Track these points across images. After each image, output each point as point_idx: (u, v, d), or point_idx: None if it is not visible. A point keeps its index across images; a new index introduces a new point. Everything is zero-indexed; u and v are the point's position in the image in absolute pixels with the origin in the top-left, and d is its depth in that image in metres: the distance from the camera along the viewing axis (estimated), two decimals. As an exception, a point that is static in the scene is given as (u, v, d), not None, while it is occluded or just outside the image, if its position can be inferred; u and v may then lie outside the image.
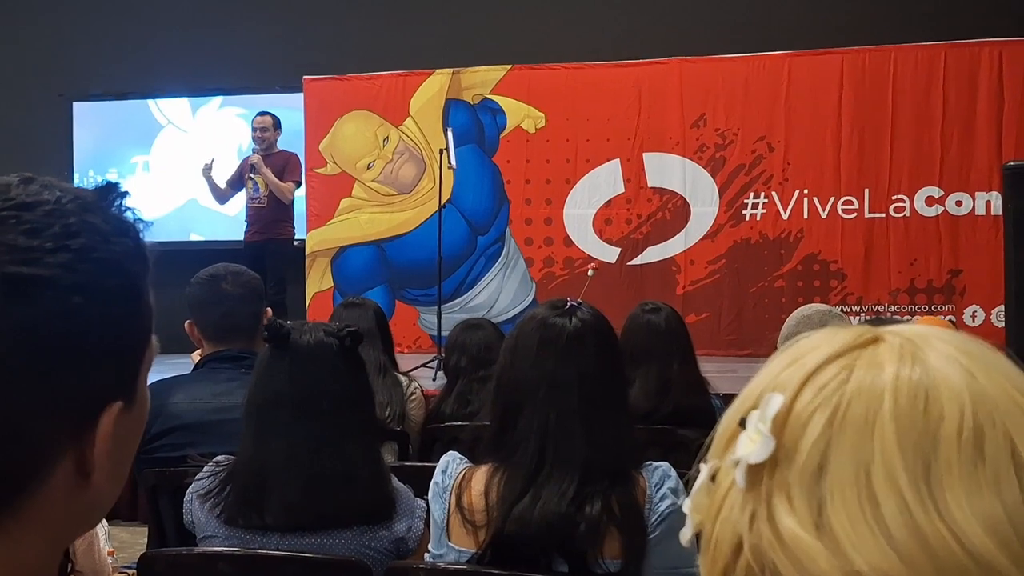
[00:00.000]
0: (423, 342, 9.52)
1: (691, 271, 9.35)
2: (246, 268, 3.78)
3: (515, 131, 9.66)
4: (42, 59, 11.16)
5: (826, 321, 4.13)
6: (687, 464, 2.53)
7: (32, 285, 0.82)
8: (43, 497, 0.86)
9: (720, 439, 0.80)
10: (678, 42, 9.47)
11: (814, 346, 0.78)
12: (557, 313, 2.50)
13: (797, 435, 0.73)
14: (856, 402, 0.73)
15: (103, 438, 0.88)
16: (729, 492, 0.76)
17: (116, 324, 0.88)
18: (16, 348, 0.81)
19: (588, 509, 2.33)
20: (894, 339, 0.77)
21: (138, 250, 0.91)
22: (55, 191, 0.87)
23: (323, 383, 2.59)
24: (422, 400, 4.63)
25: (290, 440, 2.54)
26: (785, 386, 0.76)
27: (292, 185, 9.16)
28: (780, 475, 0.73)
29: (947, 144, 8.89)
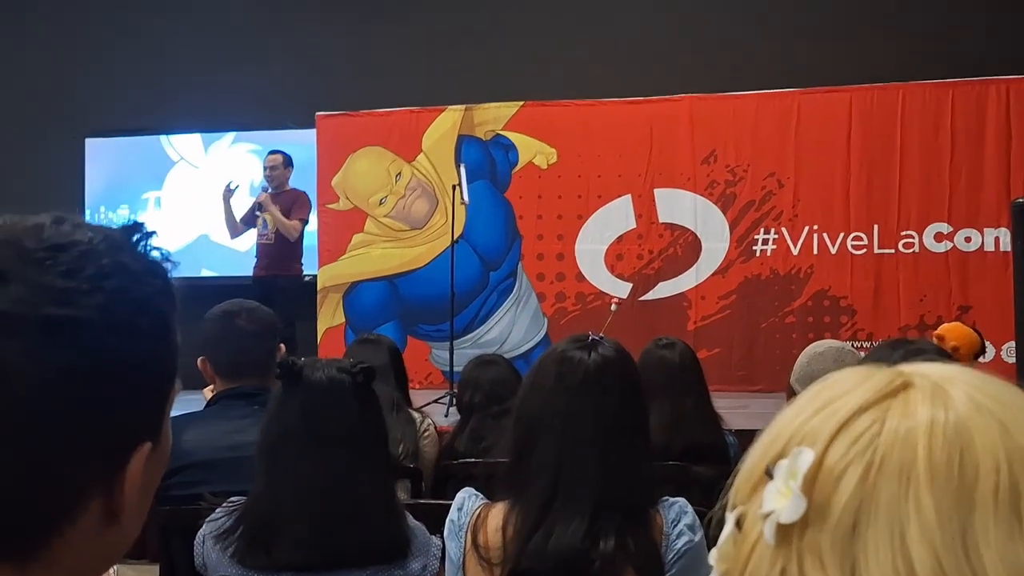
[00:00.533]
0: (435, 378, 9.50)
1: (702, 306, 9.33)
2: (260, 304, 3.76)
3: (527, 167, 9.67)
4: (54, 95, 11.19)
5: (839, 358, 4.11)
6: (700, 501, 2.52)
7: (69, 326, 0.82)
8: (70, 539, 0.86)
9: (744, 484, 0.79)
10: (689, 79, 9.49)
11: (844, 391, 0.77)
12: (577, 347, 2.49)
13: (828, 492, 0.72)
14: (889, 457, 0.71)
15: (132, 480, 0.89)
16: (757, 545, 0.75)
17: (149, 365, 0.89)
18: (52, 390, 0.82)
19: (602, 545, 2.31)
20: (924, 383, 0.75)
21: (167, 289, 0.92)
22: (87, 231, 0.88)
23: (335, 420, 2.55)
24: (435, 437, 4.61)
25: (300, 477, 2.50)
26: (815, 437, 0.75)
27: (298, 223, 9.20)
28: (811, 535, 0.72)
29: (955, 180, 8.88)
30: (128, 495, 0.89)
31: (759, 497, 0.76)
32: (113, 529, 0.90)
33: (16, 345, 0.81)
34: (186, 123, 11.05)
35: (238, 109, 10.71)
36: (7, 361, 0.80)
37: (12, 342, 0.81)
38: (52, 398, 0.82)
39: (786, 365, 8.33)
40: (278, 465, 2.55)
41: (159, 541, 3.25)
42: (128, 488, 0.89)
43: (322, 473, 2.50)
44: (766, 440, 0.79)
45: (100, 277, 0.85)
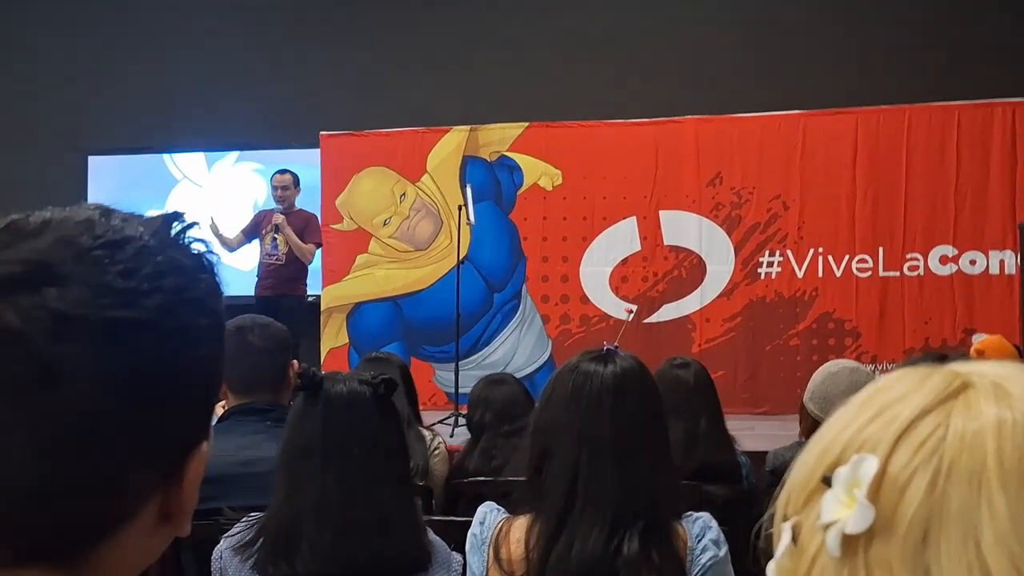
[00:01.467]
0: (439, 399, 9.46)
1: (707, 329, 9.32)
2: (273, 320, 3.75)
3: (532, 188, 9.66)
4: (58, 112, 11.21)
5: (853, 379, 4.12)
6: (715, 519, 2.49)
7: (131, 329, 0.81)
8: (121, 541, 0.85)
9: (799, 494, 0.77)
10: (694, 101, 9.48)
11: (900, 396, 0.74)
12: (592, 359, 2.50)
13: (895, 501, 0.70)
14: (957, 463, 0.69)
15: (192, 481, 0.88)
16: (818, 557, 0.72)
17: (206, 365, 0.88)
18: (114, 394, 0.80)
19: (625, 552, 2.30)
20: (983, 382, 0.73)
21: (216, 286, 0.90)
22: (136, 225, 0.86)
23: (355, 431, 2.56)
24: (445, 455, 4.59)
25: (321, 488, 2.51)
26: (876, 444, 0.72)
27: (313, 247, 9.25)
28: (879, 547, 0.69)
29: (961, 203, 8.88)
30: (186, 496, 0.88)
31: (815, 507, 0.74)
32: (164, 529, 0.89)
33: (78, 349, 0.78)
34: (189, 142, 11.06)
35: (242, 128, 10.72)
36: (69, 365, 0.78)
37: (74, 345, 0.78)
38: (114, 403, 0.80)
39: (791, 388, 8.44)
40: (297, 476, 2.55)
41: (171, 555, 3.23)
42: (188, 489, 0.88)
43: (341, 484, 2.51)
44: (818, 448, 0.77)
45: (157, 276, 0.83)
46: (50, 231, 0.82)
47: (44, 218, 0.84)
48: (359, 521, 2.49)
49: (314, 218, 9.46)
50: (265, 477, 2.81)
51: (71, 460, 0.79)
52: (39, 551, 0.81)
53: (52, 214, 0.85)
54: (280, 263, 9.16)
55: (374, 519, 2.50)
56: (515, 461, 3.92)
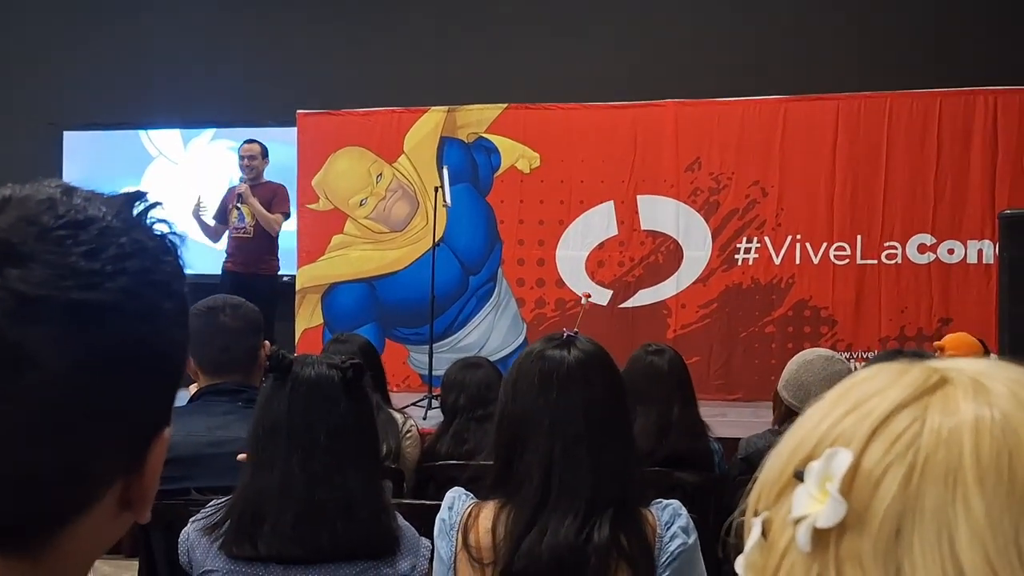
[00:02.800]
0: (412, 381, 9.45)
1: (682, 315, 9.32)
2: (245, 301, 3.74)
3: (509, 171, 9.63)
4: (33, 87, 11.13)
5: (828, 367, 4.14)
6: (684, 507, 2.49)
7: (96, 312, 0.78)
8: (79, 529, 0.82)
9: (770, 488, 0.75)
10: (674, 85, 9.47)
11: (876, 390, 0.73)
12: (554, 345, 2.49)
13: (868, 496, 0.68)
14: (933, 458, 0.67)
15: (153, 467, 0.86)
16: (788, 551, 0.71)
17: (171, 350, 0.85)
18: (77, 378, 0.77)
19: (596, 538, 2.30)
20: (962, 378, 0.71)
21: (180, 269, 0.88)
22: (98, 205, 0.83)
23: (321, 415, 2.57)
24: (417, 438, 4.58)
25: (285, 471, 2.52)
26: (849, 438, 0.71)
27: (280, 217, 9.12)
28: (850, 541, 0.68)
29: (940, 192, 8.89)
30: (147, 483, 0.86)
31: (787, 502, 0.72)
32: (123, 516, 0.87)
33: (41, 331, 0.76)
34: (165, 119, 10.98)
35: (218, 105, 10.65)
36: (30, 348, 0.75)
37: (36, 328, 0.75)
38: (77, 388, 0.77)
39: (765, 375, 8.46)
40: (265, 457, 2.57)
41: (139, 536, 3.22)
42: (149, 475, 0.86)
43: (305, 467, 2.52)
44: (791, 443, 0.75)
45: (122, 258, 0.81)
46: (11, 208, 0.80)
47: (4, 195, 0.81)
48: (322, 504, 2.50)
49: (282, 188, 9.34)
50: (235, 458, 2.80)
51: (32, 446, 0.77)
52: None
53: (12, 191, 0.82)
54: (248, 236, 9.04)
55: (338, 503, 2.51)
56: (487, 446, 3.92)
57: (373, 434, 2.70)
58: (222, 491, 2.76)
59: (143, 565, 3.31)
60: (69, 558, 0.83)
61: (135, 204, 0.87)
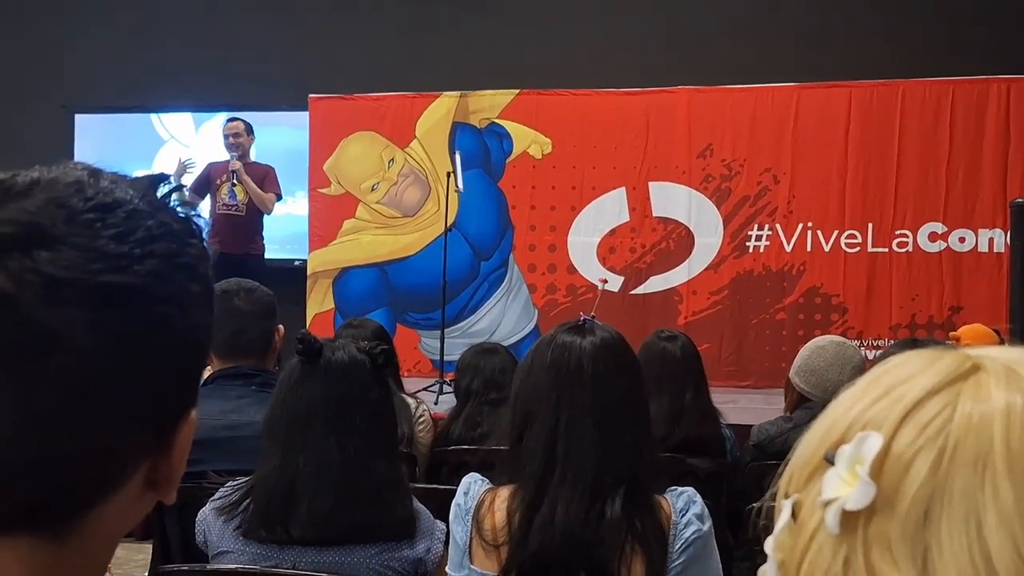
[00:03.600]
0: (423, 366, 9.46)
1: (693, 301, 9.31)
2: (259, 285, 3.74)
3: (521, 156, 9.63)
4: (45, 69, 11.13)
5: (840, 353, 4.14)
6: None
7: (125, 295, 0.78)
8: (110, 509, 0.83)
9: (801, 471, 0.76)
10: (687, 71, 9.44)
11: (908, 375, 0.73)
12: (569, 330, 2.50)
13: (897, 480, 0.68)
14: (963, 444, 0.68)
15: (181, 449, 0.87)
16: (816, 533, 0.72)
17: (199, 332, 0.85)
18: (109, 362, 0.78)
19: (608, 515, 2.31)
20: (995, 365, 0.71)
21: (205, 251, 0.88)
22: (125, 187, 0.83)
23: (356, 399, 2.60)
24: (430, 422, 4.59)
25: (322, 454, 2.54)
26: (881, 423, 0.71)
27: (274, 196, 9.10)
28: (878, 524, 0.68)
29: (952, 180, 8.87)
30: (175, 464, 0.87)
31: (817, 485, 0.73)
32: (148, 497, 0.87)
33: (70, 314, 0.76)
34: (177, 102, 10.98)
35: (230, 89, 10.63)
36: (61, 331, 0.76)
37: (66, 311, 0.76)
38: (106, 370, 0.78)
39: (776, 362, 8.46)
40: (296, 441, 2.57)
41: (153, 518, 3.23)
42: (177, 456, 0.87)
43: (341, 450, 2.54)
44: (822, 427, 0.76)
45: (150, 241, 0.81)
46: (40, 191, 0.80)
47: (32, 178, 0.81)
48: (357, 487, 2.53)
49: (272, 170, 9.30)
50: (249, 441, 2.82)
51: (62, 428, 0.77)
52: (25, 520, 0.80)
53: (40, 174, 0.82)
54: (240, 214, 8.97)
55: (370, 486, 2.54)
56: (499, 431, 3.93)
57: (394, 419, 2.75)
58: (236, 474, 2.77)
59: (157, 547, 3.33)
60: (96, 538, 0.83)
61: (159, 187, 0.87)
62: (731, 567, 3.56)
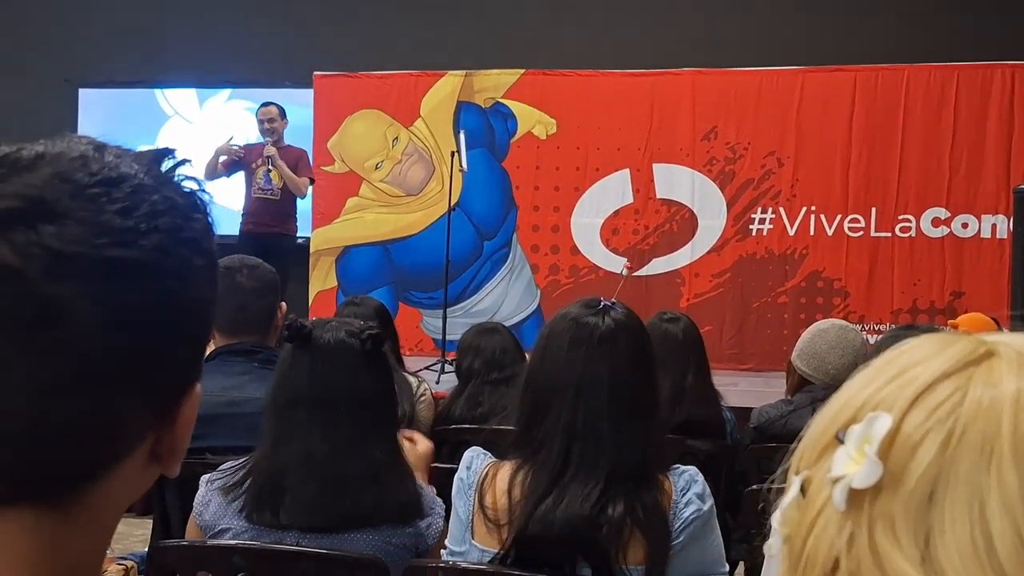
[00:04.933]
0: (425, 345, 9.47)
1: (696, 284, 9.32)
2: (262, 261, 3.74)
3: (526, 136, 9.63)
4: (50, 43, 11.11)
5: (842, 337, 4.13)
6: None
7: (130, 269, 0.79)
8: (114, 481, 0.84)
9: (812, 449, 0.76)
10: (692, 53, 9.43)
11: (921, 358, 0.74)
12: (590, 312, 2.46)
13: (905, 460, 0.69)
14: (972, 427, 0.68)
15: (185, 422, 0.87)
16: (824, 509, 0.72)
17: (202, 307, 0.86)
18: (114, 335, 0.78)
19: (611, 511, 2.30)
20: (1008, 352, 0.72)
21: (210, 226, 0.88)
22: (130, 162, 0.84)
23: (342, 384, 2.55)
24: (431, 401, 4.59)
25: (306, 441, 2.51)
26: (891, 404, 0.71)
27: (307, 180, 9.13)
28: (884, 502, 0.69)
29: (956, 166, 8.88)
30: (179, 438, 0.87)
31: (827, 463, 0.73)
32: (152, 469, 0.88)
33: (76, 288, 0.76)
34: (181, 78, 10.96)
35: (235, 66, 10.61)
36: (67, 304, 0.76)
37: (72, 284, 0.76)
38: (112, 343, 0.78)
39: (778, 345, 8.47)
40: (284, 428, 2.55)
41: (154, 493, 3.23)
42: (181, 430, 0.87)
43: (327, 437, 2.51)
44: (835, 406, 0.77)
45: (154, 215, 0.81)
46: (45, 165, 0.80)
47: (38, 152, 0.81)
48: (345, 475, 2.49)
49: (305, 153, 9.36)
50: (251, 418, 2.81)
51: (68, 401, 0.78)
52: (29, 492, 0.80)
53: (45, 148, 0.82)
54: (275, 198, 9.01)
55: (362, 473, 2.50)
56: (502, 411, 3.92)
57: (393, 401, 2.69)
58: (237, 450, 2.77)
59: (157, 522, 3.33)
60: (100, 510, 0.84)
61: (163, 161, 0.87)
62: (729, 549, 3.57)
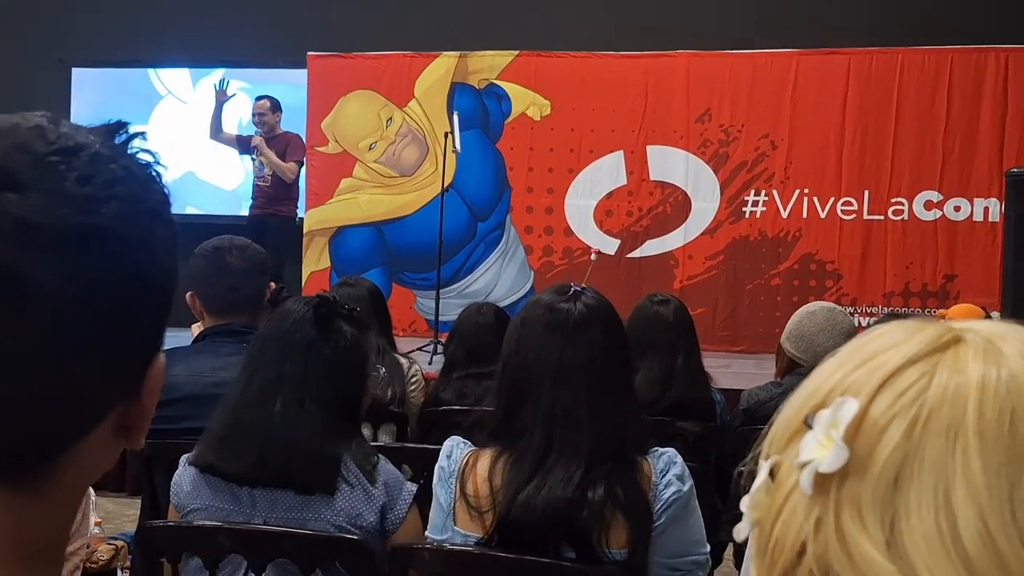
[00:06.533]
0: (419, 326, 9.49)
1: (689, 266, 9.33)
2: (251, 242, 3.72)
3: (520, 118, 9.62)
4: (42, 22, 11.07)
5: (830, 318, 4.14)
6: (684, 456, 2.52)
7: (94, 238, 0.78)
8: (80, 456, 0.83)
9: (781, 434, 0.77)
10: (687, 35, 9.42)
11: (890, 344, 0.74)
12: (563, 298, 2.47)
13: (871, 445, 0.70)
14: (937, 413, 0.69)
15: (149, 393, 0.86)
16: (792, 493, 0.73)
17: (165, 275, 0.85)
18: (79, 305, 0.77)
19: (591, 495, 2.31)
20: (975, 338, 0.73)
21: (167, 195, 0.88)
22: (85, 133, 0.83)
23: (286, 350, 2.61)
24: (423, 382, 4.57)
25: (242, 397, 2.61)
26: (859, 389, 0.72)
27: (294, 165, 9.20)
28: (850, 486, 0.70)
29: (949, 149, 8.88)
30: (145, 408, 0.86)
31: (796, 448, 0.74)
32: (120, 441, 0.87)
33: (41, 257, 0.75)
34: (175, 57, 10.93)
35: (229, 45, 10.59)
36: (32, 274, 0.75)
37: (34, 253, 0.75)
38: (77, 313, 0.77)
39: (770, 327, 8.48)
40: (237, 384, 2.66)
41: (143, 474, 3.24)
42: (146, 401, 0.86)
43: (264, 399, 2.57)
44: (805, 392, 0.77)
45: (112, 183, 0.80)
46: (3, 138, 0.79)
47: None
48: (269, 434, 2.54)
49: (296, 137, 9.42)
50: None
51: (33, 373, 0.77)
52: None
53: (1, 121, 0.82)
54: (266, 184, 9.18)
55: (293, 435, 2.54)
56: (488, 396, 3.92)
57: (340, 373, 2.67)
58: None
59: (146, 503, 3.34)
60: (67, 486, 0.83)
61: (118, 133, 0.86)
62: (719, 530, 3.58)
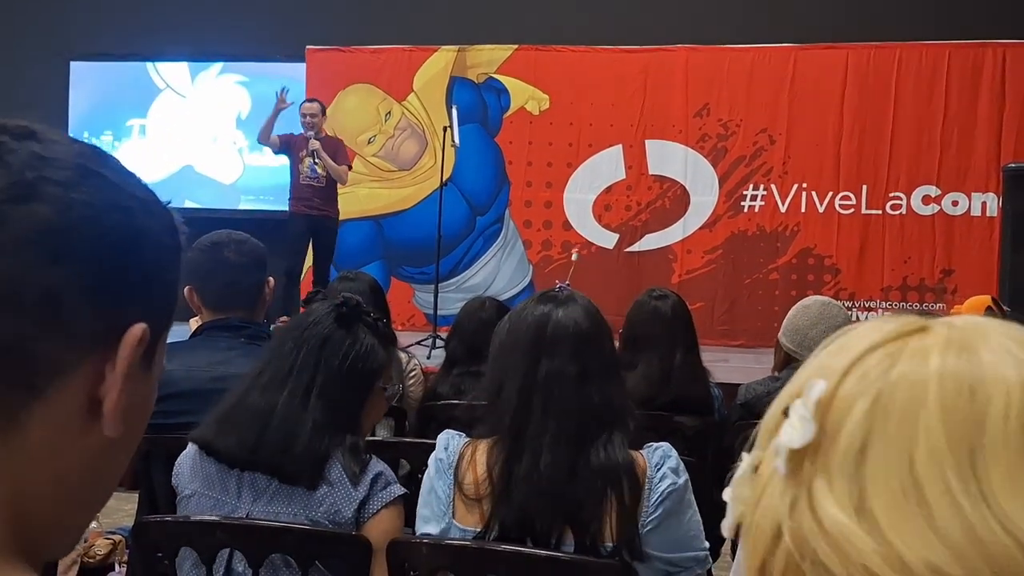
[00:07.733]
0: (417, 320, 9.50)
1: (688, 260, 9.35)
2: (249, 236, 3.70)
3: (519, 112, 9.63)
4: (41, 16, 11.06)
5: (825, 312, 4.14)
6: (682, 451, 2.53)
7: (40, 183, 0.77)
8: (52, 411, 0.79)
9: (765, 430, 0.79)
10: (685, 30, 9.42)
11: (862, 333, 0.77)
12: (544, 301, 2.52)
13: (839, 420, 0.72)
14: (899, 390, 0.71)
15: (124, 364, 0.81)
16: (770, 480, 0.75)
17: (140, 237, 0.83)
18: (28, 251, 0.76)
19: (593, 459, 2.34)
20: (942, 329, 0.75)
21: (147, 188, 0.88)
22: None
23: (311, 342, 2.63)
24: (421, 378, 4.58)
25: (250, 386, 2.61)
26: (830, 372, 0.75)
27: (347, 168, 9.19)
28: (821, 460, 0.72)
29: (947, 144, 8.90)
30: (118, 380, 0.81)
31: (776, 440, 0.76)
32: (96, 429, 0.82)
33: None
34: (174, 51, 10.91)
35: (228, 39, 10.57)
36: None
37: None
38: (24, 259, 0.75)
39: (768, 321, 8.49)
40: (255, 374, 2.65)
41: (140, 469, 3.23)
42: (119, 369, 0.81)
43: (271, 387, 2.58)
44: (788, 389, 0.79)
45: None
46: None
47: None
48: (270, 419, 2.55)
49: (342, 142, 9.40)
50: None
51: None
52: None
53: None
54: (321, 185, 9.13)
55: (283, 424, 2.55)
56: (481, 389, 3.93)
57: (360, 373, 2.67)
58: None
59: (143, 497, 3.33)
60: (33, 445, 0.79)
61: None
62: (717, 525, 3.58)
